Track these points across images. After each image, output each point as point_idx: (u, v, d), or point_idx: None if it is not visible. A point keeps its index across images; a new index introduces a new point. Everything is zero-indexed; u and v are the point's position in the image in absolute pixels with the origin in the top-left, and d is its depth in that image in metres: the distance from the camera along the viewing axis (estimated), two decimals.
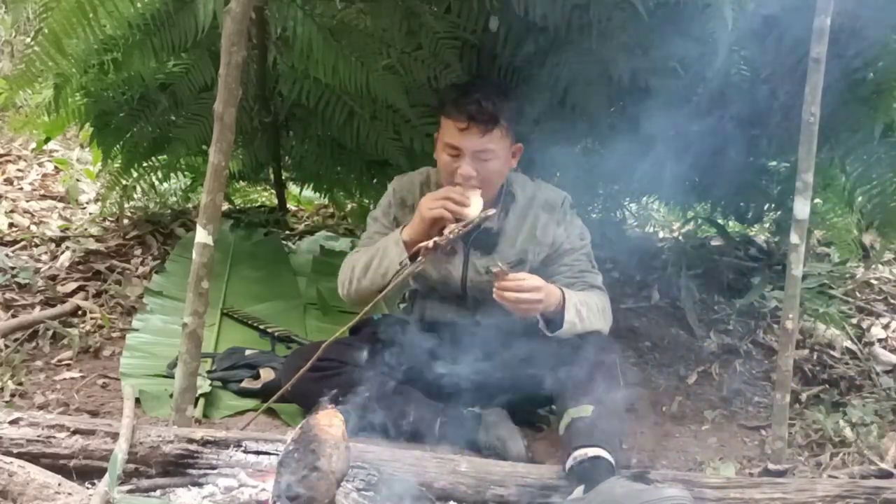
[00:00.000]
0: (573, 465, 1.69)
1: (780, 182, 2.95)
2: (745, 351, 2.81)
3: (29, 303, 2.77)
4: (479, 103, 1.96)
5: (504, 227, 2.12)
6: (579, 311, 1.96)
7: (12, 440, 1.65)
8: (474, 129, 1.97)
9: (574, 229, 2.15)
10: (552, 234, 2.12)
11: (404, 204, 2.20)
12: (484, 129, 1.97)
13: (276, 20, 2.77)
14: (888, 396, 2.47)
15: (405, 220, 2.18)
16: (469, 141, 1.98)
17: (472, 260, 2.14)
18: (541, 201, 2.14)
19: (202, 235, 1.86)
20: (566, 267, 2.12)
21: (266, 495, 1.52)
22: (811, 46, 1.86)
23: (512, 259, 2.11)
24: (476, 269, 2.14)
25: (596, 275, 2.14)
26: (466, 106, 1.97)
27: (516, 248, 2.12)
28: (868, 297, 3.27)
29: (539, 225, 2.12)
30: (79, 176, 4.32)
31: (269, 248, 3.54)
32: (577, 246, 2.13)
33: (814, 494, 1.69)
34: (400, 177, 2.27)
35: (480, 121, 1.96)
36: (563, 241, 2.12)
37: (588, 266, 2.14)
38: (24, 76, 2.53)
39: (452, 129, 1.99)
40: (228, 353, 2.47)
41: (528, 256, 2.12)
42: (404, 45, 2.64)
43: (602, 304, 2.07)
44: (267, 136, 3.43)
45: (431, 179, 2.20)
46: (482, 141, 1.98)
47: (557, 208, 2.13)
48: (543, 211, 2.13)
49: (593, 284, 2.11)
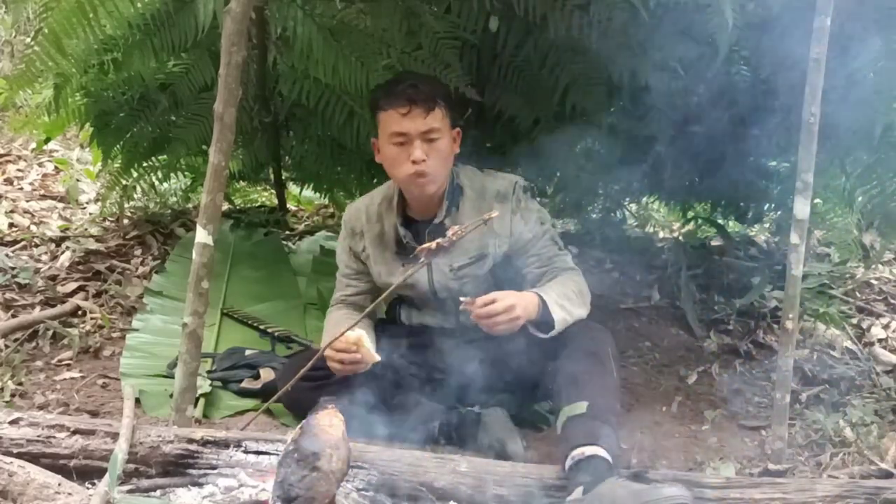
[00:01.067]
0: (571, 465, 1.69)
1: (780, 182, 2.95)
2: (745, 351, 2.80)
3: (29, 303, 2.77)
4: (415, 86, 1.99)
5: (457, 220, 2.08)
6: (563, 306, 1.95)
7: (12, 440, 1.65)
8: (416, 111, 1.97)
9: (531, 214, 2.11)
10: (509, 225, 2.09)
11: (354, 233, 2.22)
12: (426, 108, 1.98)
13: (276, 20, 2.77)
14: (888, 396, 2.47)
15: (358, 247, 2.21)
16: (414, 123, 1.98)
17: (435, 261, 2.10)
18: (492, 192, 2.11)
19: (202, 235, 1.86)
20: (534, 257, 2.11)
21: (266, 495, 1.52)
22: (811, 46, 1.85)
23: (473, 254, 2.10)
24: (440, 270, 2.13)
25: (565, 255, 2.12)
26: (404, 90, 1.99)
27: (475, 242, 2.09)
28: (868, 297, 3.27)
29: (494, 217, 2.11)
30: (79, 176, 4.32)
31: (269, 248, 3.54)
32: (539, 232, 2.11)
33: (814, 494, 1.69)
34: (350, 205, 2.30)
35: (420, 101, 1.97)
36: (523, 230, 2.10)
37: (555, 250, 2.12)
38: (24, 76, 2.53)
39: (394, 116, 1.99)
40: (228, 353, 2.47)
41: (489, 250, 2.10)
42: (404, 45, 2.64)
43: (578, 287, 2.04)
44: (267, 136, 3.43)
45: (376, 200, 2.20)
46: (427, 121, 1.98)
47: (510, 196, 2.10)
48: (496, 202, 2.09)
49: (565, 267, 2.10)
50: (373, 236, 2.18)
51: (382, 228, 2.18)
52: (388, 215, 2.17)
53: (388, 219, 2.17)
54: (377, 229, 2.18)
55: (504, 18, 2.51)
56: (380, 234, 2.18)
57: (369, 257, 2.20)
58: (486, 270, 2.12)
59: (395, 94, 2.00)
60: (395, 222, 2.15)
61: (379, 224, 2.18)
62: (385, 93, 2.04)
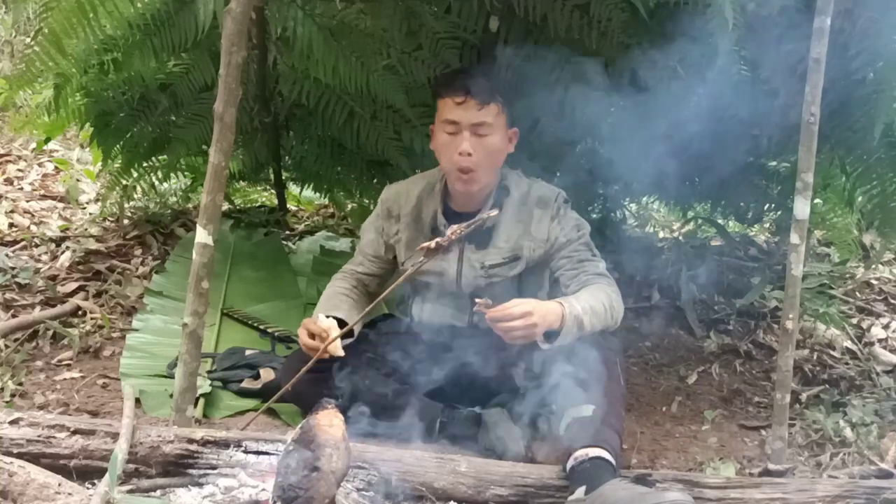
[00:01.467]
0: (573, 466, 1.69)
1: (780, 182, 2.95)
2: (745, 351, 2.81)
3: (29, 303, 2.77)
4: (475, 77, 2.01)
5: (498, 221, 2.11)
6: (581, 322, 1.91)
7: (12, 440, 1.65)
8: (471, 102, 1.99)
9: (569, 222, 2.13)
10: (546, 230, 2.11)
11: (390, 215, 2.21)
12: (481, 102, 1.99)
13: (276, 20, 2.77)
14: (888, 396, 2.47)
15: (391, 230, 2.20)
16: (467, 113, 1.99)
17: (467, 255, 2.14)
18: (535, 198, 2.13)
19: (202, 235, 1.86)
20: (566, 259, 2.11)
21: (266, 495, 1.52)
22: (811, 46, 1.85)
23: (506, 254, 2.11)
24: (470, 264, 2.13)
25: (598, 262, 2.11)
26: (463, 80, 2.01)
27: (511, 243, 2.12)
28: (868, 297, 3.27)
29: (533, 220, 2.12)
30: (79, 176, 4.32)
31: (269, 248, 3.54)
32: (574, 237, 2.12)
33: (814, 494, 1.69)
34: (390, 186, 2.28)
35: (477, 93, 1.98)
36: (559, 234, 2.11)
37: (588, 255, 2.12)
38: (24, 76, 2.53)
39: (450, 104, 2.01)
40: (228, 354, 2.47)
41: (524, 252, 2.11)
42: (404, 46, 2.64)
43: (609, 300, 2.01)
44: (267, 136, 3.43)
45: (418, 185, 2.20)
46: (479, 114, 1.99)
47: (551, 204, 2.12)
48: (538, 207, 2.12)
49: (596, 273, 2.08)
50: (409, 221, 2.18)
51: (420, 214, 2.17)
52: (429, 202, 2.17)
53: (427, 205, 2.17)
54: (415, 214, 2.17)
55: (504, 18, 2.50)
56: (416, 219, 2.17)
57: (400, 241, 2.19)
58: (516, 272, 2.13)
59: (454, 83, 2.02)
60: (435, 210, 2.14)
61: (417, 209, 2.17)
62: (446, 79, 2.08)
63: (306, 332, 2.00)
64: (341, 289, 2.24)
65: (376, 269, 2.28)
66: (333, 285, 2.26)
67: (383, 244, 2.24)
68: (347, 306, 2.16)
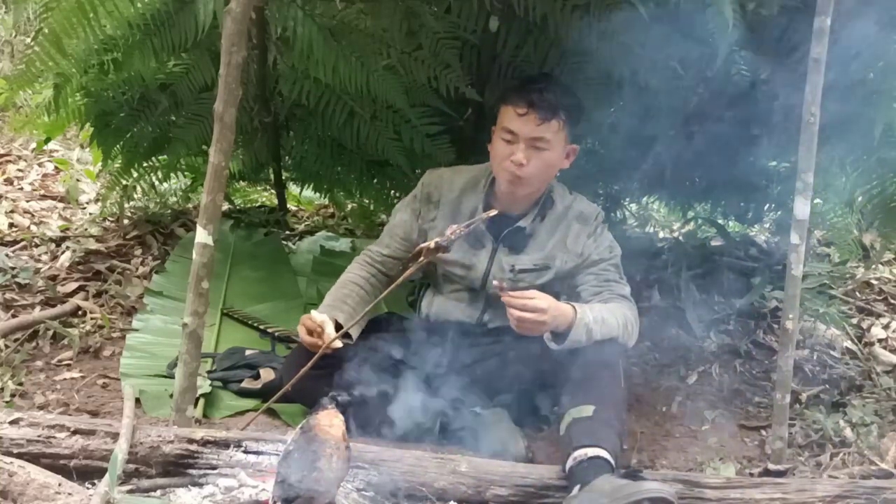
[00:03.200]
0: (573, 466, 1.69)
1: (780, 182, 2.95)
2: (745, 351, 2.80)
3: (29, 303, 2.77)
4: (541, 91, 1.98)
5: (537, 230, 2.13)
6: (590, 329, 1.93)
7: (12, 440, 1.66)
8: (532, 116, 1.97)
9: (604, 241, 2.14)
10: (582, 245, 2.12)
11: (429, 199, 2.19)
12: (542, 117, 1.97)
13: (276, 20, 2.77)
14: (888, 396, 2.47)
15: (428, 215, 2.19)
16: (526, 126, 1.98)
17: (500, 255, 2.14)
18: (576, 212, 2.14)
19: (202, 235, 1.86)
20: (592, 276, 2.12)
21: (266, 495, 1.52)
22: (811, 46, 1.85)
23: (538, 261, 2.12)
24: (500, 265, 2.14)
25: (624, 286, 2.13)
26: (528, 92, 1.99)
27: (545, 252, 2.12)
28: (868, 298, 3.27)
29: (571, 234, 2.12)
30: (79, 176, 4.31)
31: (269, 249, 3.54)
32: (606, 257, 2.13)
33: (814, 494, 1.69)
34: (434, 171, 2.26)
35: (540, 107, 1.97)
36: (592, 251, 2.12)
37: (616, 276, 2.13)
38: (25, 76, 2.53)
39: (511, 113, 2.00)
40: (228, 354, 2.47)
41: (556, 263, 2.12)
42: (404, 46, 2.64)
43: (625, 319, 2.02)
44: (267, 136, 3.43)
45: (463, 176, 2.19)
46: (539, 129, 1.98)
47: (591, 221, 2.14)
48: (577, 221, 2.13)
49: (620, 294, 2.10)
50: (448, 211, 2.16)
51: (460, 206, 2.16)
52: (471, 196, 2.16)
53: (468, 198, 2.16)
54: (455, 205, 2.16)
55: (504, 18, 2.50)
56: (455, 210, 2.16)
57: (435, 228, 2.16)
58: (543, 281, 2.13)
59: (519, 93, 2.00)
60: (476, 206, 2.14)
61: (458, 201, 2.16)
62: (513, 88, 2.05)
63: (304, 328, 2.00)
64: (355, 277, 2.21)
65: (402, 253, 2.23)
66: (350, 272, 2.23)
67: (416, 228, 2.21)
68: (353, 302, 2.15)
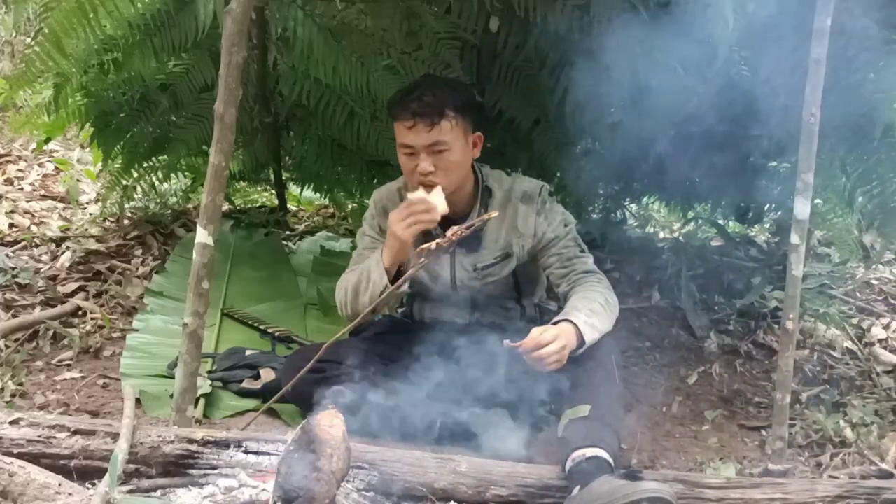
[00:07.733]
0: (572, 467, 1.69)
1: (780, 182, 2.95)
2: (745, 351, 2.81)
3: (29, 303, 2.77)
4: (421, 99, 1.98)
5: (486, 222, 2.10)
6: (593, 325, 1.94)
7: (13, 440, 1.66)
8: (420, 125, 1.98)
9: (555, 216, 2.14)
10: (533, 225, 2.12)
11: (386, 212, 2.20)
12: (430, 123, 1.98)
13: (276, 20, 2.77)
14: (888, 396, 2.47)
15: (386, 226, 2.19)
16: (418, 137, 1.99)
17: (459, 258, 2.15)
18: (518, 193, 2.14)
19: (202, 236, 1.86)
20: (555, 257, 2.13)
21: (266, 495, 1.52)
22: (811, 46, 1.85)
23: (497, 253, 2.13)
24: (463, 267, 2.15)
25: (587, 258, 2.13)
26: (409, 104, 1.99)
27: (500, 242, 2.13)
28: (868, 298, 3.27)
29: (519, 216, 2.12)
30: (79, 176, 4.32)
31: (269, 249, 3.54)
32: (562, 233, 2.13)
33: (814, 495, 1.69)
34: (378, 189, 2.29)
35: (425, 115, 1.97)
36: (546, 230, 2.12)
37: (577, 251, 2.13)
38: (25, 76, 2.53)
39: (401, 129, 2.02)
40: (229, 354, 2.47)
41: (514, 249, 2.13)
42: (405, 46, 2.65)
43: (604, 297, 2.03)
44: (267, 136, 3.43)
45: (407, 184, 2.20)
46: (430, 135, 1.99)
47: (535, 198, 2.13)
48: (522, 202, 2.13)
49: (585, 270, 2.10)
50: None
51: None
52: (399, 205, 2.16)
53: None
54: None
55: (504, 18, 2.51)
56: None
57: None
58: (509, 270, 2.15)
59: (402, 106, 2.01)
60: None
61: None
62: (394, 103, 2.05)
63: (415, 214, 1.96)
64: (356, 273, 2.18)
65: None
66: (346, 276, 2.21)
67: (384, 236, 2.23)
68: None
